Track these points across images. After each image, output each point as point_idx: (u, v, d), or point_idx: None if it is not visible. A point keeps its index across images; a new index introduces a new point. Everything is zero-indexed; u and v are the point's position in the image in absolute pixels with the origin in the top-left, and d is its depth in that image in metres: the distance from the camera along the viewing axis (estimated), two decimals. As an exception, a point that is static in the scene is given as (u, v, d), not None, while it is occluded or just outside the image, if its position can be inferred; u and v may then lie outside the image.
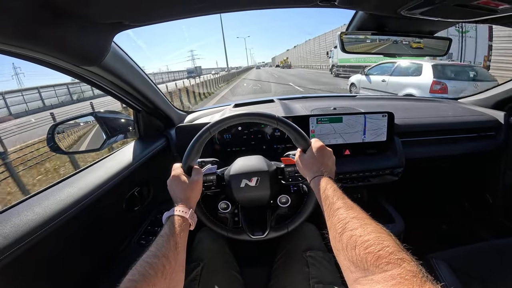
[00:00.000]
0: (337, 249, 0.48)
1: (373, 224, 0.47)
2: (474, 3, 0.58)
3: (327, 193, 0.59)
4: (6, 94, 23.35)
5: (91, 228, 0.82)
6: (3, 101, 22.57)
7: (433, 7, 0.63)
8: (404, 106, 1.60)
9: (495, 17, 0.68)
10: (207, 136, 0.77)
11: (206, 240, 0.93)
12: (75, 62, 0.68)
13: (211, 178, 0.84)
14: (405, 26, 0.87)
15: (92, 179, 0.83)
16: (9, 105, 22.69)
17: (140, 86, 1.00)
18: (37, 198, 0.71)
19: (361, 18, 0.85)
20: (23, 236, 0.57)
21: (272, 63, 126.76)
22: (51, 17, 0.53)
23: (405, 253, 0.39)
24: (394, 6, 0.69)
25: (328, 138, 1.22)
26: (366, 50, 0.89)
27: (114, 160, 1.00)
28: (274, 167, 0.87)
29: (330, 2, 0.68)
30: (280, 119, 0.76)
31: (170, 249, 0.54)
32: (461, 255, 0.99)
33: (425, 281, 0.34)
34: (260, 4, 0.72)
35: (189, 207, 0.66)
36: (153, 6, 0.61)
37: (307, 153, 0.74)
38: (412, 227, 1.29)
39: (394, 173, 1.27)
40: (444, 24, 0.85)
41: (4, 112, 22.20)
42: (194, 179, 0.73)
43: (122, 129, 1.19)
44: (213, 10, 0.68)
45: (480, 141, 1.40)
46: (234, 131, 1.23)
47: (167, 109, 1.29)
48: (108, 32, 0.68)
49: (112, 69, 0.81)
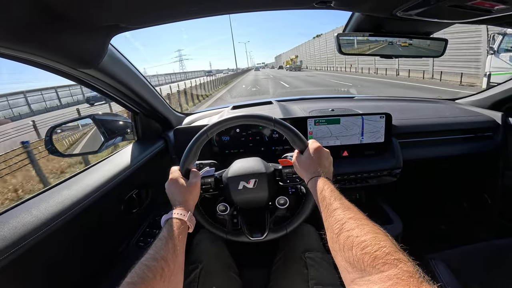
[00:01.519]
0: (335, 250, 0.48)
1: (370, 224, 0.47)
2: (469, 4, 0.58)
3: (324, 194, 0.59)
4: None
5: (89, 230, 0.82)
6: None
7: (428, 8, 0.64)
8: (401, 107, 1.60)
9: (491, 17, 0.69)
10: (204, 139, 0.77)
11: (205, 242, 0.93)
12: (72, 65, 0.68)
13: (209, 181, 0.84)
14: (401, 27, 0.88)
15: (90, 182, 0.83)
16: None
17: (137, 88, 1.01)
18: (35, 201, 0.71)
19: (358, 19, 0.86)
20: (20, 238, 0.57)
21: (275, 64, 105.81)
22: (47, 20, 0.53)
23: (402, 253, 0.39)
24: (390, 7, 0.69)
25: (326, 140, 1.22)
26: (363, 52, 0.89)
27: (112, 163, 1.00)
28: (272, 169, 0.87)
29: (326, 4, 0.68)
30: (277, 120, 0.77)
31: (169, 251, 0.54)
32: (460, 255, 0.99)
33: (421, 282, 0.34)
34: (257, 6, 0.72)
35: (188, 209, 0.66)
36: (149, 8, 0.61)
37: (304, 154, 0.74)
38: (410, 227, 1.29)
39: (392, 174, 1.27)
40: (440, 25, 0.85)
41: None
42: (192, 182, 0.73)
43: (120, 131, 1.19)
44: (209, 12, 0.69)
45: (477, 142, 1.40)
46: (232, 133, 1.23)
47: (165, 111, 1.29)
48: (105, 34, 0.68)
49: (109, 71, 0.81)
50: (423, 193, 1.84)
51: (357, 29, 0.89)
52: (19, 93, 23.97)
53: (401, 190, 1.60)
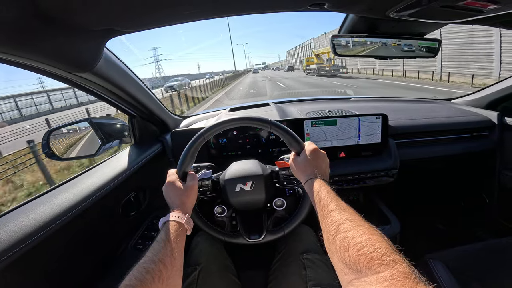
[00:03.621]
0: (331, 251, 0.48)
1: (365, 225, 0.47)
2: (460, 4, 0.59)
3: (321, 196, 0.59)
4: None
5: (86, 233, 0.82)
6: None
7: (420, 9, 0.64)
8: (397, 107, 1.61)
9: (483, 17, 0.69)
10: (201, 142, 0.77)
11: (204, 244, 0.93)
12: (67, 69, 0.68)
13: (206, 183, 0.84)
14: (395, 28, 0.88)
15: (88, 185, 0.84)
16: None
17: (134, 92, 1.01)
18: (32, 204, 0.71)
19: (352, 21, 0.86)
20: (18, 242, 0.58)
21: (287, 63, 76.43)
22: (42, 24, 0.53)
23: (398, 254, 0.39)
24: (383, 9, 0.70)
25: (323, 141, 1.23)
26: (357, 53, 0.90)
27: (109, 166, 1.00)
28: (269, 171, 0.87)
29: (320, 6, 0.68)
30: (273, 122, 0.77)
31: (167, 254, 0.54)
32: (459, 255, 0.99)
33: (417, 282, 0.34)
34: (251, 9, 0.72)
35: (185, 212, 0.66)
36: (144, 12, 0.61)
37: (300, 156, 0.74)
38: (408, 228, 1.29)
39: (390, 174, 1.27)
40: (433, 25, 0.86)
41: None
42: (189, 185, 0.73)
43: (117, 135, 1.19)
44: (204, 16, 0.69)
45: (473, 142, 1.41)
46: (229, 135, 1.24)
47: (162, 114, 1.30)
48: (100, 38, 0.68)
49: (105, 75, 0.82)
50: (421, 193, 1.85)
51: (352, 30, 0.90)
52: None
53: (399, 191, 1.60)
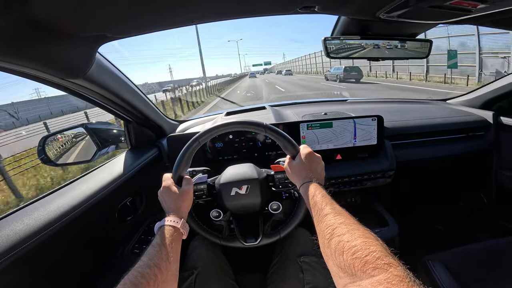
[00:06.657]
0: (326, 255, 0.48)
1: (360, 229, 0.47)
2: (448, 4, 0.59)
3: (316, 199, 0.59)
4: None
5: (83, 237, 0.82)
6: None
7: (409, 9, 0.65)
8: (393, 108, 1.61)
9: (472, 16, 0.70)
10: (196, 146, 0.77)
11: (200, 248, 0.93)
12: (59, 75, 0.68)
13: (201, 187, 0.84)
14: (387, 29, 0.89)
15: (83, 190, 0.84)
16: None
17: (128, 97, 1.01)
18: (27, 210, 0.71)
19: (344, 23, 0.87)
20: (12, 247, 0.58)
21: (296, 67, 61.74)
22: (33, 31, 0.53)
23: (392, 257, 0.39)
24: (373, 10, 0.70)
25: (319, 144, 1.23)
26: (350, 55, 0.91)
27: (105, 171, 1.00)
28: (265, 175, 0.87)
29: (310, 9, 0.69)
30: (268, 126, 0.77)
31: (162, 259, 0.54)
32: (458, 256, 0.98)
33: (412, 286, 0.33)
34: (242, 13, 0.73)
35: (180, 216, 0.66)
36: (135, 18, 0.62)
37: (296, 159, 0.74)
38: (407, 229, 1.28)
39: (386, 176, 1.27)
40: (424, 26, 0.87)
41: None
42: (184, 189, 0.73)
43: (113, 140, 1.19)
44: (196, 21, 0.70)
45: (469, 142, 1.41)
46: (225, 139, 1.23)
47: (158, 119, 1.30)
48: (91, 44, 0.68)
49: (98, 80, 0.82)
50: (419, 194, 1.84)
51: (344, 32, 0.90)
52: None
53: (396, 192, 1.59)
